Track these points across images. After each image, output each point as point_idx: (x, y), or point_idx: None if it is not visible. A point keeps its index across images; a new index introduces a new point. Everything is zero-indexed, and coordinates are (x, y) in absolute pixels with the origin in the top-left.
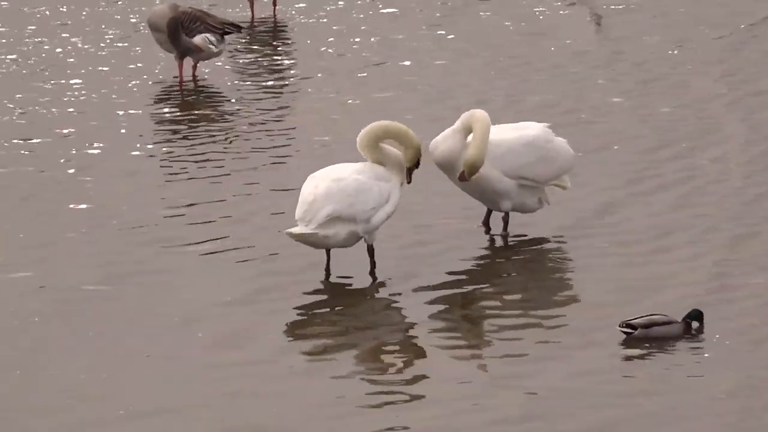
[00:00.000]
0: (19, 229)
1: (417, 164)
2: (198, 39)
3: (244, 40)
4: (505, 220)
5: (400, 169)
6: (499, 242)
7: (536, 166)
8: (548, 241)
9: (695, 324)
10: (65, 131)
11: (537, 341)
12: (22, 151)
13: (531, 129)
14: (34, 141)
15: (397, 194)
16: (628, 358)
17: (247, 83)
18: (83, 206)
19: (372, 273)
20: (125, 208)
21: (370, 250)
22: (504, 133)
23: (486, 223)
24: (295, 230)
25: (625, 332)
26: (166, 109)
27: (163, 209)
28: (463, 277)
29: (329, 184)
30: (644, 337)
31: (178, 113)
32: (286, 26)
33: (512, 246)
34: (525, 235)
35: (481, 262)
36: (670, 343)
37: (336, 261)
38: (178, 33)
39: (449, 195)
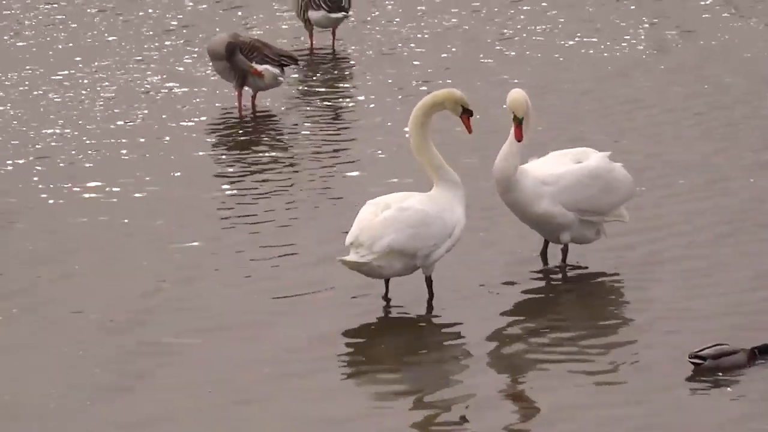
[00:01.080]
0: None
1: (469, 111)
2: (261, 68)
3: (304, 71)
4: (564, 252)
5: (461, 193)
6: (557, 274)
7: (598, 197)
8: (607, 274)
9: (762, 355)
10: (137, 174)
11: (596, 380)
12: (102, 198)
13: (592, 159)
14: (109, 188)
15: (461, 226)
16: (696, 391)
17: (307, 114)
18: (158, 255)
19: (429, 303)
20: (214, 253)
21: (428, 281)
22: (563, 164)
23: (543, 254)
24: (349, 258)
25: (694, 363)
26: (228, 140)
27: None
28: (521, 309)
29: (393, 213)
30: (714, 368)
31: (240, 144)
32: (346, 57)
33: (571, 278)
34: (584, 267)
35: (539, 295)
36: (740, 372)
37: (394, 288)
38: (235, 53)
39: (507, 224)
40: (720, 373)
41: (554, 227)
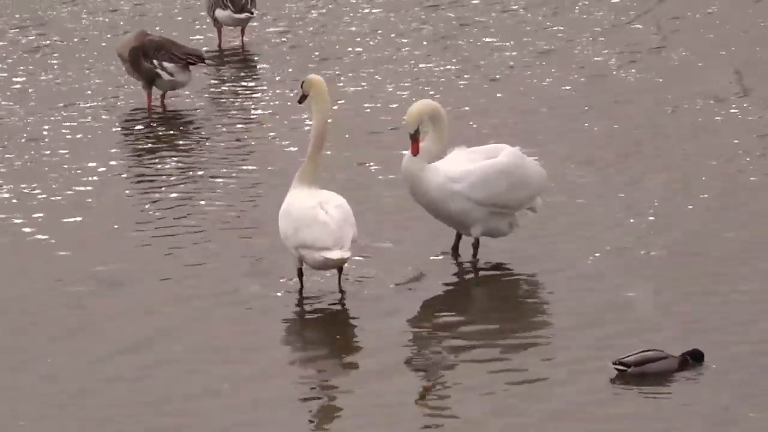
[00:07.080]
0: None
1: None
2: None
3: (213, 69)
4: (475, 246)
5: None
6: (469, 269)
7: (509, 192)
8: (519, 266)
9: (692, 362)
10: (53, 175)
11: (515, 377)
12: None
13: (503, 155)
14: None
15: None
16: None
17: (216, 113)
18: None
19: (342, 301)
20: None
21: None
22: (474, 159)
23: (455, 249)
24: (342, 255)
25: (618, 370)
26: (136, 139)
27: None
28: (436, 306)
29: (337, 211)
30: (639, 374)
31: (148, 142)
32: (256, 54)
33: (483, 273)
34: (495, 262)
35: (452, 290)
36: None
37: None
38: (138, 62)
39: (417, 219)
40: (647, 379)
41: (466, 221)
